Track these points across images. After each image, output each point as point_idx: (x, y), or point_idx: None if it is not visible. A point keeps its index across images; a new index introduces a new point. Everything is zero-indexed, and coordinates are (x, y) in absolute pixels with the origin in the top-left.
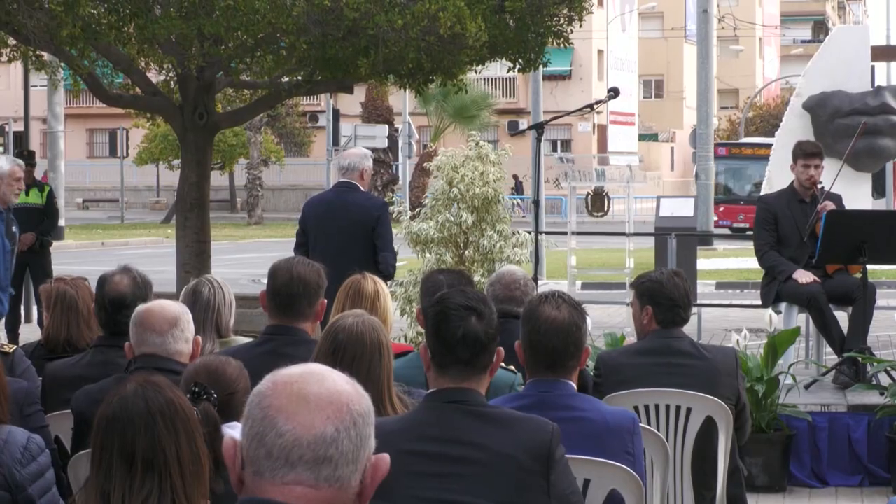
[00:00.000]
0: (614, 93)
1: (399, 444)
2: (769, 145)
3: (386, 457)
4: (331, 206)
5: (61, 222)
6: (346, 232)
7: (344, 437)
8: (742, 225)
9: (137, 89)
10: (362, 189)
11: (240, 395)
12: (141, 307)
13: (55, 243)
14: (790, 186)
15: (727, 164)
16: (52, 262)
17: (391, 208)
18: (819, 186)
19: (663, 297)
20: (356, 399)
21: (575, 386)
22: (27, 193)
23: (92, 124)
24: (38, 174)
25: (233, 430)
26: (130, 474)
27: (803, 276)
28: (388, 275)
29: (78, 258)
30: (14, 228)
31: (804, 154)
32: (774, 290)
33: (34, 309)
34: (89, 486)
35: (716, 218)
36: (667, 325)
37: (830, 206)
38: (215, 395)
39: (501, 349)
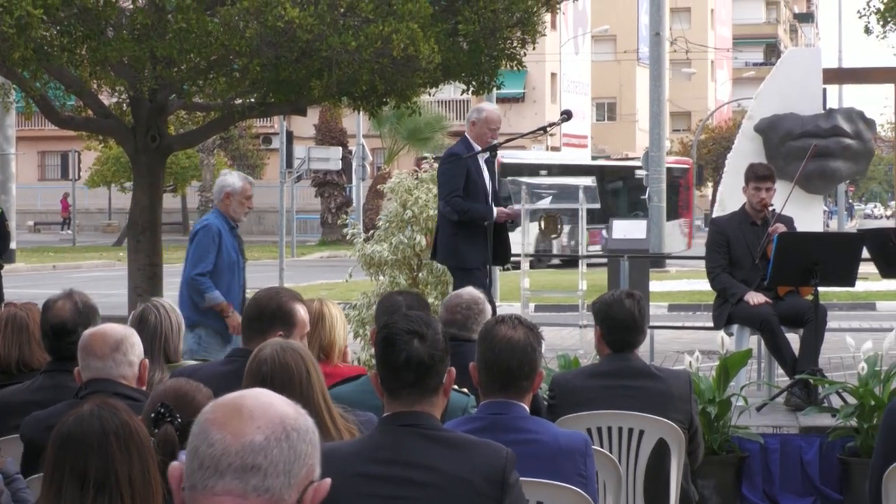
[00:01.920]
0: (567, 115)
1: (352, 467)
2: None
3: (328, 482)
4: None
5: (12, 245)
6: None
7: (274, 447)
8: None
9: (89, 112)
10: (470, 140)
11: None
12: (85, 333)
13: (6, 266)
14: (742, 209)
15: None
16: (2, 284)
17: (345, 230)
18: (770, 209)
19: (608, 319)
20: (293, 416)
21: (528, 409)
22: None
23: (44, 147)
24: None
25: None
26: (81, 494)
27: (754, 298)
28: (450, 218)
29: (29, 281)
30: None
31: (756, 177)
32: (726, 312)
33: None
34: None
35: None
36: (615, 349)
37: (782, 228)
38: (179, 419)
39: (453, 369)
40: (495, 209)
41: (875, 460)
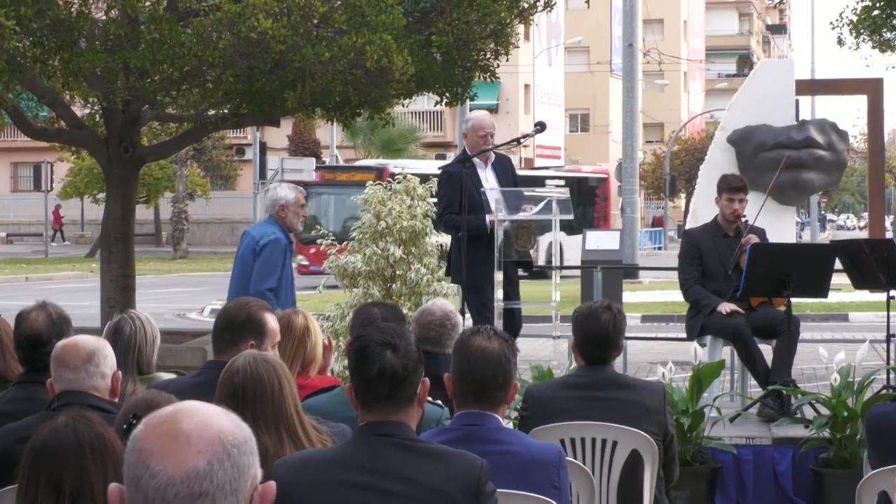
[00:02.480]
0: (541, 126)
1: (328, 475)
2: (370, 168)
3: (272, 484)
4: None
5: None
6: None
7: (218, 470)
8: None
9: (62, 123)
10: (468, 151)
11: None
12: (58, 344)
13: None
14: (714, 220)
15: (323, 191)
16: None
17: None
18: (743, 220)
19: (582, 331)
20: (229, 430)
21: (502, 420)
22: None
23: (16, 158)
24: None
25: None
26: None
27: (726, 307)
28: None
29: (2, 293)
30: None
31: (729, 188)
32: (699, 324)
33: None
34: None
35: (305, 262)
36: (588, 361)
37: (754, 239)
38: None
39: (427, 379)
40: (488, 217)
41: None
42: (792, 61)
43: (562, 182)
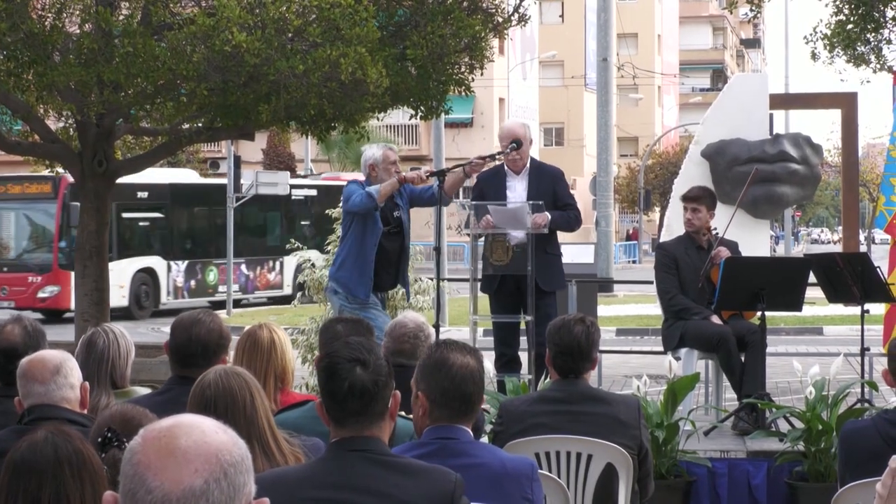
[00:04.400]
0: (516, 144)
1: (301, 492)
2: (45, 178)
3: (266, 501)
4: None
5: None
6: None
7: (214, 489)
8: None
9: (36, 136)
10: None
11: None
12: (23, 360)
13: None
14: (686, 233)
15: None
16: None
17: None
18: (714, 232)
19: (555, 343)
20: (226, 448)
21: (472, 432)
22: None
23: None
24: None
25: None
26: None
27: (717, 319)
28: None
29: None
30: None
31: (684, 198)
32: (678, 333)
33: None
34: None
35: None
36: (561, 373)
37: (725, 252)
38: (126, 444)
39: (398, 392)
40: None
41: (840, 482)
42: (766, 75)
43: (312, 192)
